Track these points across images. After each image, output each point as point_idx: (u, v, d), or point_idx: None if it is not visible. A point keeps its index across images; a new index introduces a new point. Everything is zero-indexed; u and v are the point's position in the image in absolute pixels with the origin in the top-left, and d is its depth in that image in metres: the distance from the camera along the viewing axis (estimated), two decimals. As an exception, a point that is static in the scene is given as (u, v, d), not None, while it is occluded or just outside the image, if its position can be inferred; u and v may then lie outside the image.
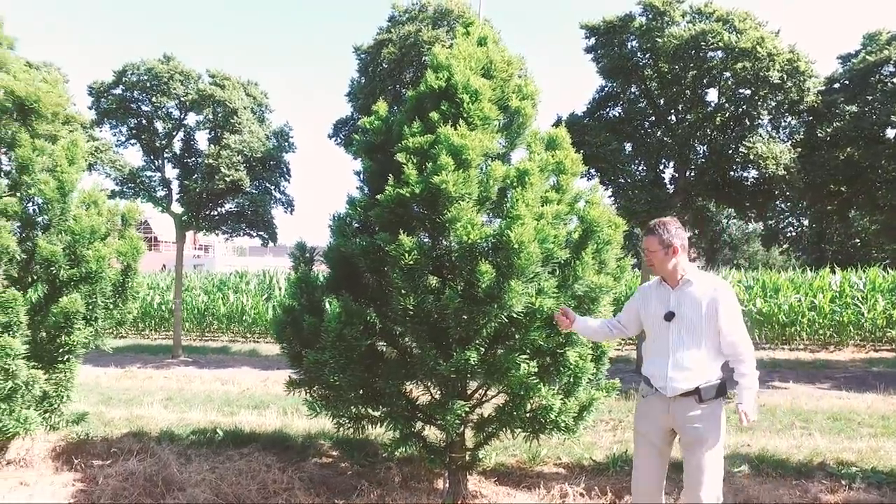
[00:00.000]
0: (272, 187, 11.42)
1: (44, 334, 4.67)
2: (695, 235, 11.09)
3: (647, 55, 9.68)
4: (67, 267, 4.76)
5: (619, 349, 11.57)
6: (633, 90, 10.39)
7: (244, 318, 15.28)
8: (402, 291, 3.26)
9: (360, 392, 3.68)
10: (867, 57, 9.01)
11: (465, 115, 3.67)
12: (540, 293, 3.39)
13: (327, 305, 4.04)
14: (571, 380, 3.83)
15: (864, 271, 14.27)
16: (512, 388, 3.56)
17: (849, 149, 8.76)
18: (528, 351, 3.54)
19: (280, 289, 16.55)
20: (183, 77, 11.55)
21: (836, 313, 12.82)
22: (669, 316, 2.83)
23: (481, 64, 3.96)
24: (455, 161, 3.29)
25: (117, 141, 12.05)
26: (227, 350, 13.58)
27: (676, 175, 10.19)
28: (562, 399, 3.81)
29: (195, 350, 13.36)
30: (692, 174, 9.88)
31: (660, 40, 8.83)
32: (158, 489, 4.30)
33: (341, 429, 4.06)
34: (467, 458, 4.23)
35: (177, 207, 12.23)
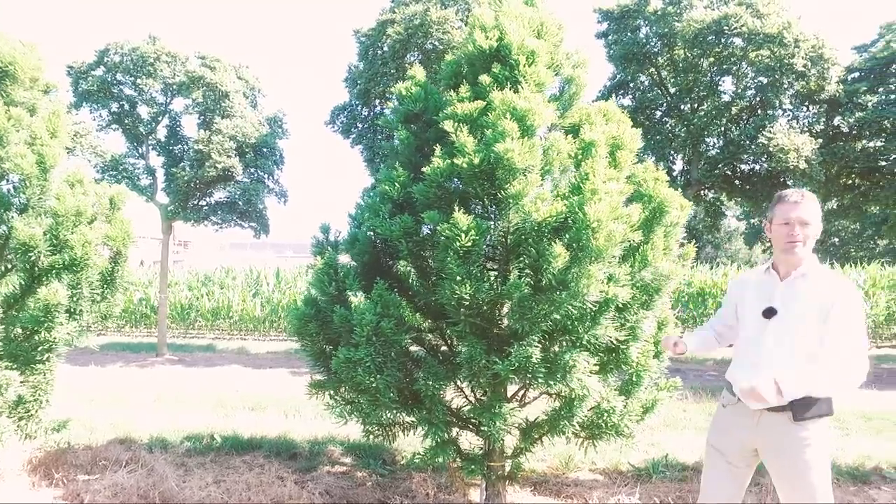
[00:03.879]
0: (265, 176, 10.81)
1: (19, 330, 4.07)
2: (707, 229, 10.79)
3: (662, 41, 9.32)
4: (48, 253, 4.16)
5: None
6: (643, 79, 10.04)
7: (231, 314, 14.62)
8: (458, 278, 2.78)
9: (396, 395, 3.19)
10: (892, 44, 8.77)
11: (520, 79, 3.21)
12: (610, 280, 2.95)
13: (353, 298, 3.55)
14: (634, 378, 3.41)
15: (863, 268, 14.17)
16: (572, 390, 3.12)
17: (870, 141, 8.51)
18: (590, 347, 3.10)
19: (268, 284, 15.91)
20: (170, 58, 10.88)
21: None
22: (769, 312, 2.31)
23: (533, 25, 3.50)
24: (520, 127, 2.82)
25: (98, 125, 11.33)
26: (214, 348, 12.92)
27: (688, 167, 9.85)
28: (624, 400, 3.39)
29: (180, 348, 12.68)
30: (705, 166, 9.56)
31: (678, 25, 8.46)
32: (156, 507, 3.77)
33: (370, 437, 3.57)
34: (507, 466, 3.78)
35: (162, 197, 11.56)
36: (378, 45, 10.57)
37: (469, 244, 2.77)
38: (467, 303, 2.85)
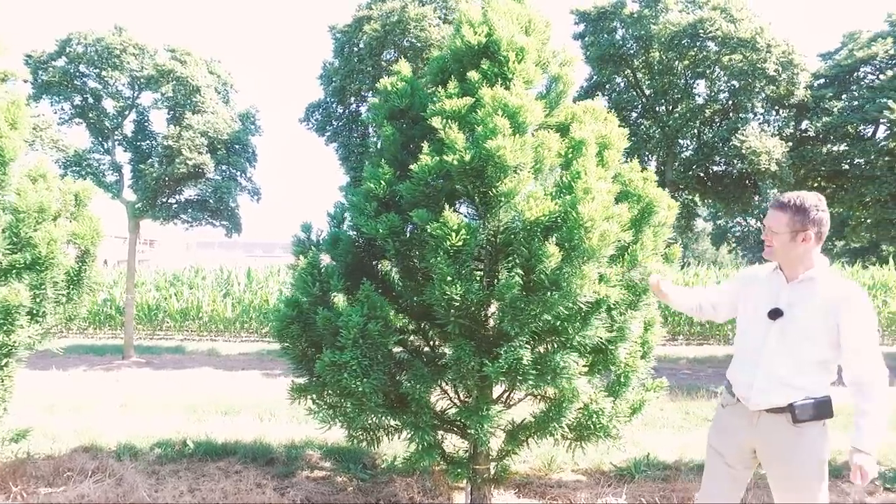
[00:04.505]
0: (238, 173, 10.53)
1: (-24, 334, 3.84)
2: (681, 230, 10.97)
3: (638, 44, 9.42)
4: (8, 251, 3.94)
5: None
6: (618, 80, 10.14)
7: (200, 315, 14.23)
8: (448, 278, 2.71)
9: (382, 399, 3.10)
10: (855, 52, 9.06)
11: (509, 76, 3.16)
12: (601, 280, 2.92)
13: (336, 299, 3.44)
14: (622, 379, 3.40)
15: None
16: (561, 391, 3.08)
17: (835, 145, 8.77)
18: (580, 348, 3.07)
19: (239, 284, 15.55)
20: (138, 51, 10.51)
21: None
22: (775, 314, 2.27)
23: (521, 22, 3.46)
24: (511, 124, 2.76)
25: (59, 119, 10.86)
26: (183, 349, 12.55)
27: (663, 168, 9.99)
28: (612, 401, 3.37)
29: (147, 350, 12.28)
30: (679, 167, 9.71)
31: (655, 27, 8.56)
32: (127, 519, 3.59)
33: (354, 441, 3.47)
34: (492, 469, 3.73)
35: (129, 195, 11.16)
36: (354, 41, 10.42)
37: (460, 243, 2.71)
38: (457, 303, 2.78)
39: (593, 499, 4.06)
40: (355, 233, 3.45)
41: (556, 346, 3.05)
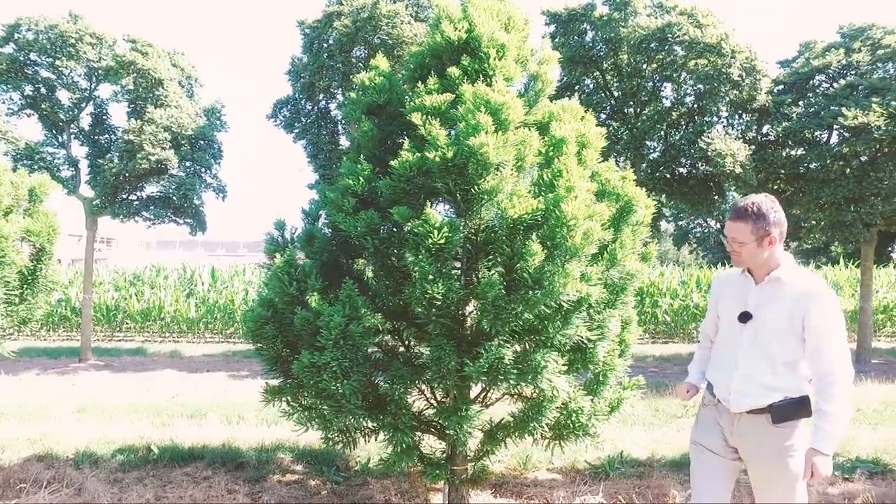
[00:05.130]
0: (202, 170, 10.21)
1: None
2: (651, 230, 11.17)
3: (607, 46, 9.56)
4: (-44, 249, 3.72)
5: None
6: (587, 82, 10.27)
7: (162, 315, 13.78)
8: (430, 277, 2.66)
9: (361, 400, 3.03)
10: (811, 61, 9.42)
11: (490, 73, 3.13)
12: (583, 279, 2.92)
13: (310, 299, 3.35)
14: (601, 378, 3.41)
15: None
16: (541, 390, 3.07)
17: (793, 150, 9.09)
18: (560, 347, 3.06)
19: (203, 283, 15.12)
20: (95, 40, 10.08)
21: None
22: (744, 317, 2.28)
23: (502, 18, 3.43)
24: (494, 121, 2.74)
25: (8, 109, 10.32)
26: (144, 351, 12.12)
27: (631, 169, 10.16)
28: (591, 400, 3.38)
29: (106, 352, 11.81)
30: (647, 169, 9.89)
31: (624, 30, 8.70)
32: (89, 531, 3.41)
33: (330, 444, 3.38)
34: (470, 469, 3.70)
35: (86, 190, 10.70)
36: (324, 37, 10.25)
37: (442, 241, 2.66)
38: (439, 303, 2.73)
39: (570, 497, 4.07)
40: (331, 230, 3.37)
41: (535, 344, 3.04)
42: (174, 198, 9.91)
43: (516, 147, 2.86)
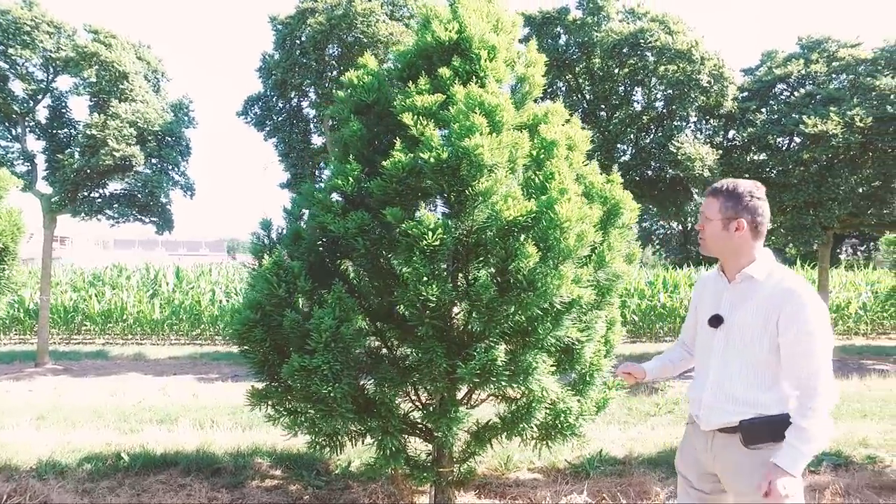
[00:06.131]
0: (170, 167, 9.90)
1: None
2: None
3: (580, 50, 9.71)
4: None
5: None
6: (560, 85, 10.41)
7: (125, 317, 13.29)
8: (424, 279, 2.64)
9: (351, 404, 2.99)
10: (774, 70, 9.79)
11: (480, 74, 3.14)
12: (574, 281, 2.95)
13: (298, 301, 3.29)
14: (587, 378, 3.46)
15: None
16: (532, 391, 3.09)
17: (756, 155, 9.42)
18: (549, 348, 3.09)
19: (168, 284, 14.67)
20: (53, 29, 9.65)
21: (727, 307, 13.95)
22: (715, 321, 2.01)
23: (491, 20, 3.44)
24: (489, 123, 2.74)
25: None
26: (106, 354, 11.67)
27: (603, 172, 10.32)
28: (578, 400, 3.42)
29: (65, 356, 11.31)
30: (618, 172, 10.06)
31: (597, 35, 8.85)
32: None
33: (317, 448, 3.32)
34: (456, 471, 3.70)
35: (43, 187, 10.23)
36: (297, 34, 10.09)
37: (437, 243, 2.65)
38: (433, 304, 2.72)
39: (554, 496, 4.11)
40: (318, 230, 3.31)
41: (524, 346, 3.05)
42: (140, 196, 9.57)
43: (509, 149, 2.87)
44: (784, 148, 9.69)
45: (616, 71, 9.65)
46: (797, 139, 9.79)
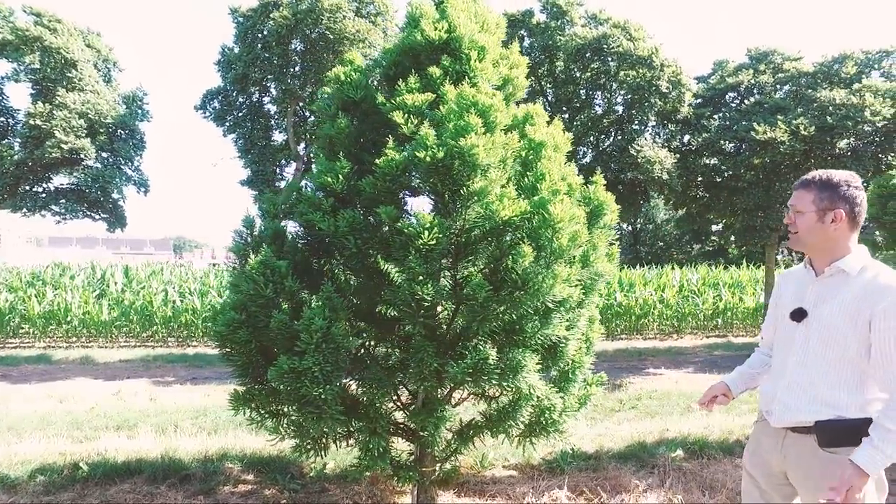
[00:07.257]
0: (123, 161, 9.43)
1: None
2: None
3: (544, 53, 9.89)
4: None
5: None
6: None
7: (69, 319, 12.58)
8: (420, 278, 2.63)
9: (340, 405, 2.94)
10: (726, 79, 10.27)
11: (469, 74, 3.15)
12: (564, 280, 3.01)
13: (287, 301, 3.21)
14: (570, 375, 3.53)
15: (695, 269, 16.41)
16: (519, 389, 3.13)
17: (710, 159, 9.85)
18: (536, 346, 3.14)
19: (116, 284, 13.97)
20: (-10, 12, 9.04)
21: (679, 305, 14.53)
22: (798, 314, 1.91)
23: (479, 20, 3.46)
24: (483, 123, 2.76)
25: None
26: (49, 358, 11.00)
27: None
28: (561, 397, 3.48)
29: (1, 361, 10.61)
30: (580, 174, 10.31)
31: (561, 38, 9.03)
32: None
33: (301, 451, 3.25)
34: (439, 470, 3.71)
35: (-22, 180, 9.56)
36: (259, 27, 9.83)
37: (433, 242, 2.64)
38: (427, 304, 2.71)
39: (534, 493, 4.17)
40: (305, 229, 3.24)
41: (512, 344, 3.09)
42: (89, 191, 9.07)
43: (502, 149, 2.90)
44: (735, 153, 10.17)
45: (578, 75, 9.88)
46: (747, 145, 10.30)
